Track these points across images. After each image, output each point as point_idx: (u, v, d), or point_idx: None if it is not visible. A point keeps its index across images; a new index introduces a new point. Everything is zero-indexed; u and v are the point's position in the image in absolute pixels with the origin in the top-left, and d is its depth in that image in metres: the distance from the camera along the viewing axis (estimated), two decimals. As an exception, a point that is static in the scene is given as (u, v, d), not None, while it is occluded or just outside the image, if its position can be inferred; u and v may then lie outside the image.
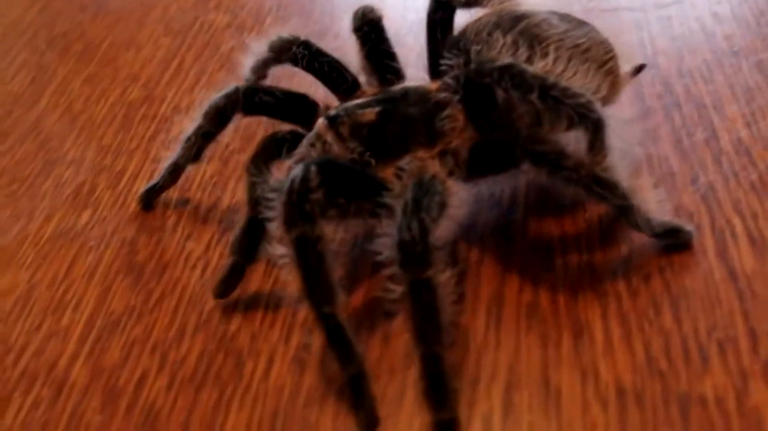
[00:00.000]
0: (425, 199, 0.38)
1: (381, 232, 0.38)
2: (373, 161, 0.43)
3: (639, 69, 0.48)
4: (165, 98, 0.62)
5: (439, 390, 0.36)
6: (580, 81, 0.42)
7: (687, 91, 0.52)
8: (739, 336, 0.38)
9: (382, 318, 0.42)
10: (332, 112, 0.44)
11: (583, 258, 0.43)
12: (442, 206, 0.38)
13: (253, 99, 0.46)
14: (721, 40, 0.56)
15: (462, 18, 0.48)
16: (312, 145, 0.43)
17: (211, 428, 0.39)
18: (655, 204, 0.41)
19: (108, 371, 0.42)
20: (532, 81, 0.39)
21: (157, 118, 0.60)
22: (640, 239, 0.43)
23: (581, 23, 0.46)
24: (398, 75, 0.49)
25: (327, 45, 0.50)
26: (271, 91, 0.47)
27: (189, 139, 0.48)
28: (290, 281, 0.37)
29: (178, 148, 0.49)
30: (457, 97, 0.43)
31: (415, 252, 0.36)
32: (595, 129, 0.40)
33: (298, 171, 0.37)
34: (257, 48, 0.50)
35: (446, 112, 0.43)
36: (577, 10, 0.58)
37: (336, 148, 0.43)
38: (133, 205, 0.52)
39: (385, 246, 0.37)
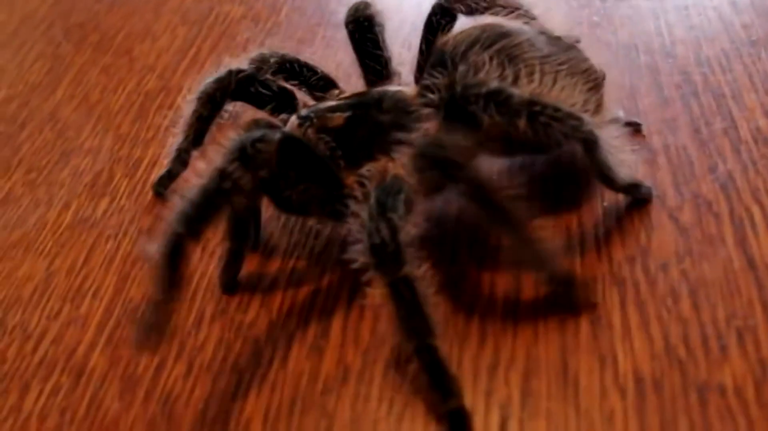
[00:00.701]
0: (389, 198, 0.38)
1: (352, 240, 0.38)
2: (340, 164, 0.43)
3: (633, 125, 0.48)
4: (181, 88, 0.62)
5: (442, 380, 0.36)
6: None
7: (705, 80, 0.52)
8: (759, 324, 0.38)
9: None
10: (304, 112, 0.44)
11: (601, 245, 0.43)
12: (408, 202, 0.38)
13: (244, 86, 0.47)
14: (740, 30, 0.56)
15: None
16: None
17: (229, 415, 0.39)
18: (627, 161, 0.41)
19: (126, 359, 0.42)
20: (519, 107, 0.39)
21: (174, 108, 0.60)
22: (658, 228, 0.43)
23: (568, 48, 0.45)
24: (382, 76, 0.49)
25: (343, 36, 0.51)
26: (264, 83, 0.47)
27: (186, 123, 0.48)
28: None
29: (179, 133, 0.49)
30: (438, 116, 0.42)
31: (387, 254, 0.36)
32: (588, 148, 0.40)
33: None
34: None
35: (424, 126, 0.43)
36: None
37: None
38: (151, 194, 0.52)
39: (359, 252, 0.37)
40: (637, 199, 0.44)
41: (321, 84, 0.49)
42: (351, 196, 0.40)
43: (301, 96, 0.49)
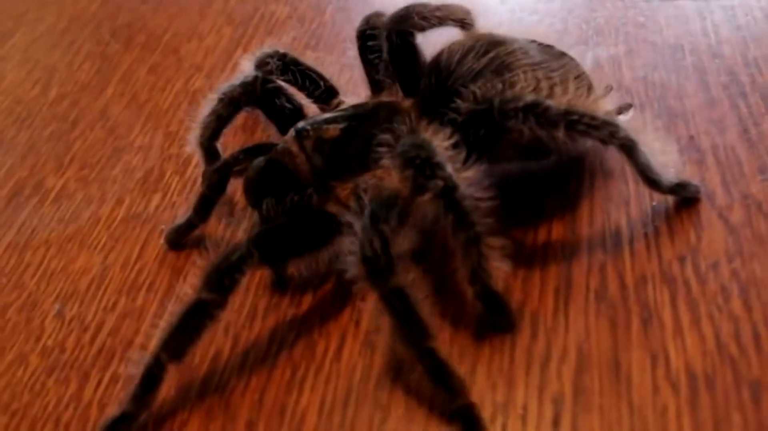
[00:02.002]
0: (383, 211, 0.39)
1: (346, 251, 0.39)
2: (330, 183, 0.44)
3: (625, 108, 0.49)
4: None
5: (446, 381, 0.37)
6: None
7: (753, 81, 0.52)
8: (811, 322, 0.38)
9: (454, 304, 0.42)
10: (300, 125, 0.45)
11: (651, 244, 0.43)
12: (402, 216, 0.39)
13: (267, 93, 0.48)
14: (787, 30, 0.56)
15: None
16: (280, 154, 0.45)
17: (284, 406, 0.40)
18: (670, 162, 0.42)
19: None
20: (557, 118, 0.40)
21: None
22: (708, 227, 0.43)
23: (560, 55, 0.46)
24: (383, 87, 0.49)
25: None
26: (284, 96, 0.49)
27: (204, 120, 0.50)
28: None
29: (196, 128, 0.50)
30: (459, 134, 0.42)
31: (379, 267, 0.37)
32: (628, 151, 0.41)
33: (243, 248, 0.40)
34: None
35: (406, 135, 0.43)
36: (637, 0, 0.58)
37: (300, 161, 0.44)
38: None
39: (351, 264, 0.38)
40: (685, 198, 0.45)
41: (324, 95, 0.50)
42: (343, 209, 0.42)
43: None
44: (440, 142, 0.40)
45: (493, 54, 0.44)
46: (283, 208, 0.44)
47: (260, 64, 0.51)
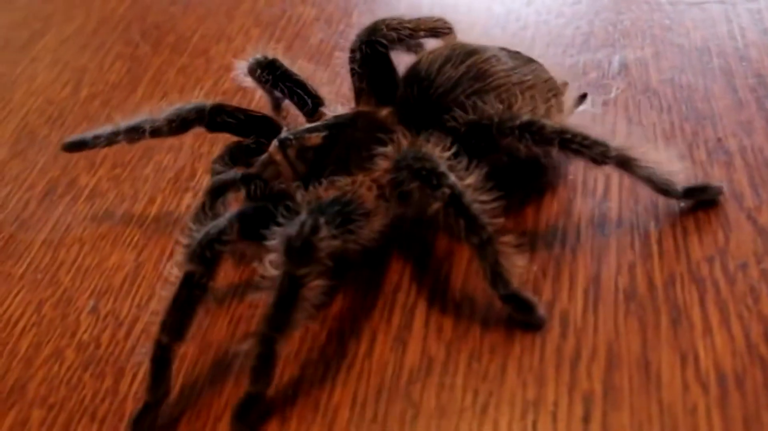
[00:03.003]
0: (331, 210, 0.40)
1: (282, 221, 0.40)
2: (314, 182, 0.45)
3: (581, 99, 0.50)
4: (257, 89, 0.63)
5: (262, 369, 0.39)
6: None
7: (780, 83, 0.52)
8: (841, 323, 0.38)
9: (484, 302, 0.43)
10: (283, 136, 0.47)
11: (679, 245, 0.43)
12: (348, 222, 0.41)
13: (215, 118, 0.50)
14: (814, 33, 0.56)
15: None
16: (264, 164, 0.46)
17: (317, 402, 0.40)
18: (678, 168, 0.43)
19: (216, 345, 0.44)
20: (551, 136, 0.42)
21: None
22: (736, 228, 0.43)
23: (528, 61, 0.48)
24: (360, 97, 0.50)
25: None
26: (233, 113, 0.50)
27: (135, 128, 0.51)
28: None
29: (118, 127, 0.52)
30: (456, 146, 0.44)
31: (295, 248, 0.38)
32: (625, 167, 0.42)
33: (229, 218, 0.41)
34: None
35: (398, 143, 0.45)
36: (662, 3, 0.59)
37: (284, 169, 0.46)
38: (232, 190, 0.54)
39: (277, 233, 0.39)
40: (704, 200, 0.45)
41: (308, 105, 0.51)
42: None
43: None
44: (440, 153, 0.42)
45: (470, 62, 0.46)
46: (268, 192, 0.45)
47: (251, 71, 0.53)
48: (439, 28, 0.51)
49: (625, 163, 0.42)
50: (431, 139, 0.44)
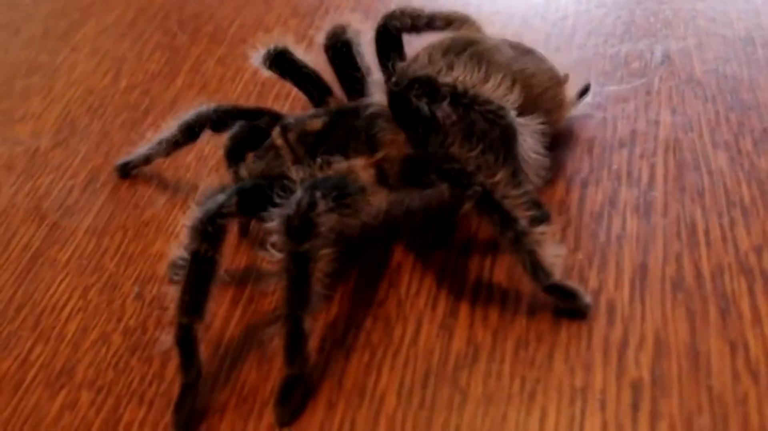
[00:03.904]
0: (326, 186, 0.40)
1: (279, 202, 0.40)
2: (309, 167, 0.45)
3: (584, 91, 0.50)
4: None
5: (295, 349, 0.39)
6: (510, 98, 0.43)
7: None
8: None
9: (529, 289, 0.43)
10: (285, 121, 0.47)
11: (726, 235, 0.43)
12: (344, 196, 0.41)
13: (221, 120, 0.51)
14: None
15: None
16: (267, 149, 0.47)
17: (364, 388, 0.41)
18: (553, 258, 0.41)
19: (261, 331, 0.44)
20: (443, 90, 0.42)
21: (290, 98, 0.62)
22: (785, 218, 0.43)
23: (528, 51, 0.48)
24: (361, 93, 0.51)
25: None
26: (238, 112, 0.51)
27: (161, 142, 0.53)
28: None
29: (152, 143, 0.54)
30: (387, 111, 0.45)
31: (294, 226, 0.38)
32: (505, 135, 0.42)
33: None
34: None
35: (381, 124, 0.46)
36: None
37: (284, 152, 0.46)
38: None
39: (275, 215, 0.39)
40: (537, 216, 0.43)
41: (316, 95, 0.52)
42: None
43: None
44: (466, 152, 0.42)
45: (470, 51, 0.46)
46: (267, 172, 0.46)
47: (264, 61, 0.53)
48: (457, 21, 0.51)
49: (509, 133, 0.42)
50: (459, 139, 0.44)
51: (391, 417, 0.39)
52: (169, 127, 0.53)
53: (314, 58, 0.54)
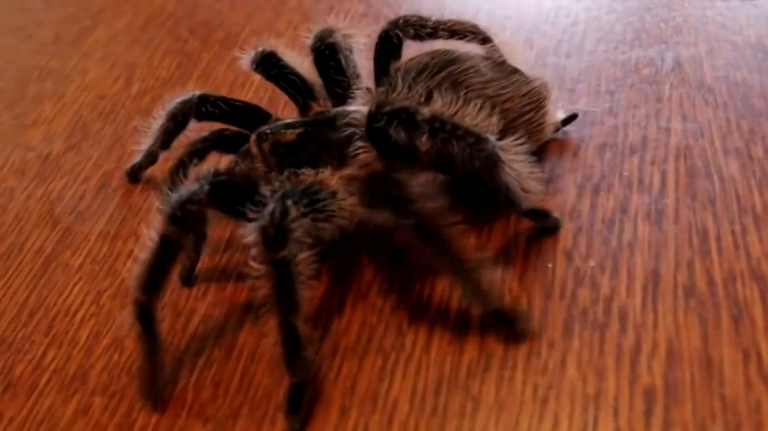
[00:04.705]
0: (297, 194, 0.41)
1: (253, 217, 0.40)
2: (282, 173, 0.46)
3: (570, 119, 0.51)
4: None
5: (294, 356, 0.40)
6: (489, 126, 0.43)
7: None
8: None
9: (540, 297, 0.43)
10: (262, 129, 0.48)
11: (738, 242, 0.43)
12: (315, 202, 0.42)
13: (204, 107, 0.51)
14: None
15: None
16: (244, 154, 0.48)
17: (376, 394, 0.41)
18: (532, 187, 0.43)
19: (273, 338, 0.44)
20: (422, 124, 0.42)
21: (301, 103, 0.62)
22: (797, 225, 0.43)
23: (511, 72, 0.48)
24: (344, 98, 0.51)
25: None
26: (224, 101, 0.51)
27: (154, 133, 0.54)
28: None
29: (149, 138, 0.54)
30: (363, 124, 0.45)
31: (270, 235, 0.39)
32: (486, 165, 0.41)
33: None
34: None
35: (355, 142, 0.46)
36: (715, 0, 0.58)
37: (257, 162, 0.47)
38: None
39: (252, 229, 0.40)
40: (543, 227, 0.46)
41: (300, 96, 0.52)
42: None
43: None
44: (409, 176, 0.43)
45: (445, 73, 0.46)
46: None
47: (252, 63, 0.54)
48: (463, 32, 0.51)
49: (492, 164, 0.42)
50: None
51: (404, 424, 0.39)
52: (159, 117, 0.53)
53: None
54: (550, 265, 0.44)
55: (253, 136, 0.48)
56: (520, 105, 0.47)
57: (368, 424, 0.40)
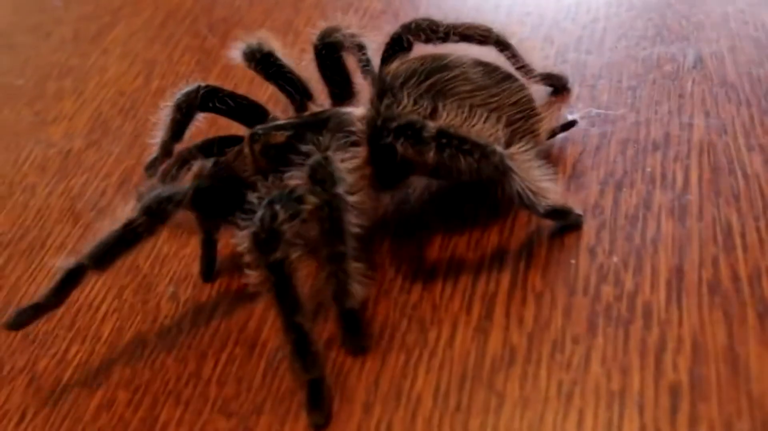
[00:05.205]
0: (284, 198, 0.41)
1: (242, 226, 0.41)
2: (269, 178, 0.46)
3: (568, 125, 0.50)
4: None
5: (305, 354, 0.40)
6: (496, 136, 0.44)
7: None
8: None
9: (564, 293, 0.43)
10: (255, 129, 0.48)
11: (763, 238, 0.43)
12: (299, 204, 0.41)
13: (207, 99, 0.52)
14: None
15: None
16: (235, 154, 0.48)
17: (400, 389, 0.41)
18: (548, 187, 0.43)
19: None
20: (428, 139, 0.42)
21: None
22: (822, 222, 0.43)
23: (503, 79, 0.48)
24: (343, 97, 0.52)
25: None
26: (226, 95, 0.52)
27: (165, 126, 0.53)
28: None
29: (159, 133, 0.54)
30: (365, 146, 0.46)
31: (262, 240, 0.40)
32: (496, 174, 0.42)
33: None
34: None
35: (351, 152, 0.45)
36: None
37: (248, 162, 0.47)
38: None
39: (243, 237, 0.40)
40: (564, 225, 0.46)
41: (296, 95, 0.53)
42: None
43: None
44: (348, 162, 0.44)
45: (433, 79, 0.46)
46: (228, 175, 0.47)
47: (246, 58, 0.55)
48: (476, 36, 0.51)
49: (503, 174, 0.42)
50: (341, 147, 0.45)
51: (428, 420, 0.39)
52: (166, 108, 0.53)
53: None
54: (573, 261, 0.44)
55: (246, 136, 0.48)
56: (510, 113, 0.46)
57: (392, 420, 0.40)
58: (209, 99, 0.52)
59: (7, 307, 0.51)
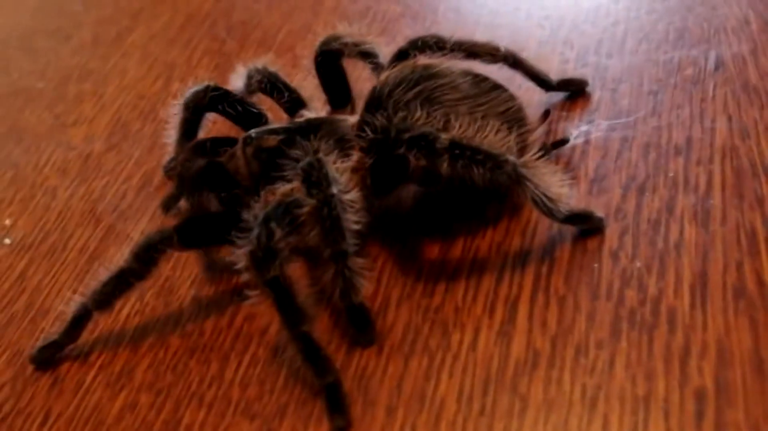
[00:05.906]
0: (278, 213, 0.42)
1: (239, 245, 0.41)
2: (261, 186, 0.47)
3: (561, 143, 0.51)
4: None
5: (316, 360, 0.41)
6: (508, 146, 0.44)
7: None
8: None
9: (587, 296, 0.43)
10: (249, 132, 0.49)
11: (788, 243, 0.43)
12: (294, 220, 0.42)
13: (217, 101, 0.53)
14: None
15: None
16: (229, 157, 0.49)
17: (423, 393, 0.41)
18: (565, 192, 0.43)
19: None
20: (441, 150, 0.42)
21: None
22: None
23: (491, 89, 0.48)
24: (340, 104, 0.53)
25: (500, 34, 0.52)
26: (230, 98, 0.53)
27: (176, 126, 0.55)
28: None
29: (172, 133, 0.55)
30: (369, 158, 0.46)
31: (259, 257, 0.40)
32: (513, 184, 0.42)
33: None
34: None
35: (341, 157, 0.47)
36: None
37: (241, 166, 0.48)
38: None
39: (240, 256, 0.41)
40: (586, 229, 0.46)
41: (290, 105, 0.54)
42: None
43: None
44: (339, 164, 0.45)
45: (420, 88, 0.47)
46: (211, 202, 0.48)
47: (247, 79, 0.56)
48: (482, 53, 0.51)
49: (517, 182, 0.42)
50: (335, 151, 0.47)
51: (452, 423, 0.39)
52: (176, 107, 0.54)
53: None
54: (596, 266, 0.44)
55: (240, 140, 0.49)
56: (498, 123, 0.46)
57: (415, 424, 0.40)
58: (217, 100, 0.52)
59: (30, 309, 0.51)
